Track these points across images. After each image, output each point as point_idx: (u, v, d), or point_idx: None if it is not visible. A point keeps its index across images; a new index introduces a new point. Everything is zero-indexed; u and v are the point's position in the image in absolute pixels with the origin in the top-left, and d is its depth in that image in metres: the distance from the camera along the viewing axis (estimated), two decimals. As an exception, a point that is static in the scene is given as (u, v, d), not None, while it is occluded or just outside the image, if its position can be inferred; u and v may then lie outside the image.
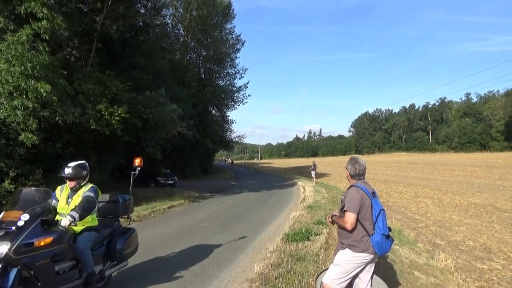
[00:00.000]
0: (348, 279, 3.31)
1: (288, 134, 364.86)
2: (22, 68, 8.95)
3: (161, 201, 13.69)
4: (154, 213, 11.59)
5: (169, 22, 31.23)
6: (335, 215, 3.47)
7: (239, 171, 47.98)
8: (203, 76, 38.62)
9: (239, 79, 55.24)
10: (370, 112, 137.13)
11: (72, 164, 4.15)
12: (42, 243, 3.43)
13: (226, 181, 29.47)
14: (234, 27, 39.30)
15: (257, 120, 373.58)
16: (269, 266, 5.42)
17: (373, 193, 3.32)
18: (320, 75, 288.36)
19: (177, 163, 30.41)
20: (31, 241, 3.34)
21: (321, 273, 3.71)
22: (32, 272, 3.30)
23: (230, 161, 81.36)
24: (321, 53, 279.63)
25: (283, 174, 38.84)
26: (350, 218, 3.18)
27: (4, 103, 8.93)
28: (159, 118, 13.82)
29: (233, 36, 38.11)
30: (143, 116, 13.23)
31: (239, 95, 40.42)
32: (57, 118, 9.86)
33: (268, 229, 9.08)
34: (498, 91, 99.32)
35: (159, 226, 9.47)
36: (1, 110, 8.96)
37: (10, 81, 8.87)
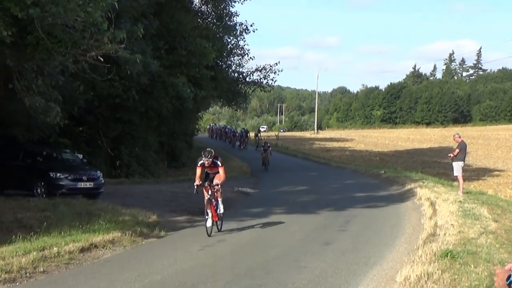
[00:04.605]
0: None
1: (388, 67, 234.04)
2: None
3: (64, 232, 9.86)
4: (47, 262, 8.48)
5: None
6: None
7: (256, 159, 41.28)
8: None
9: None
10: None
11: None
12: None
13: (229, 185, 17.04)
14: None
15: (310, 31, 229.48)
16: None
17: None
18: None
19: (103, 138, 20.69)
20: None
21: None
22: None
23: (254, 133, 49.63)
24: None
25: (376, 169, 28.82)
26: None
27: None
28: (56, 20, 10.75)
29: None
30: (16, 15, 10.30)
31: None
32: None
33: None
34: None
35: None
36: None
37: None
